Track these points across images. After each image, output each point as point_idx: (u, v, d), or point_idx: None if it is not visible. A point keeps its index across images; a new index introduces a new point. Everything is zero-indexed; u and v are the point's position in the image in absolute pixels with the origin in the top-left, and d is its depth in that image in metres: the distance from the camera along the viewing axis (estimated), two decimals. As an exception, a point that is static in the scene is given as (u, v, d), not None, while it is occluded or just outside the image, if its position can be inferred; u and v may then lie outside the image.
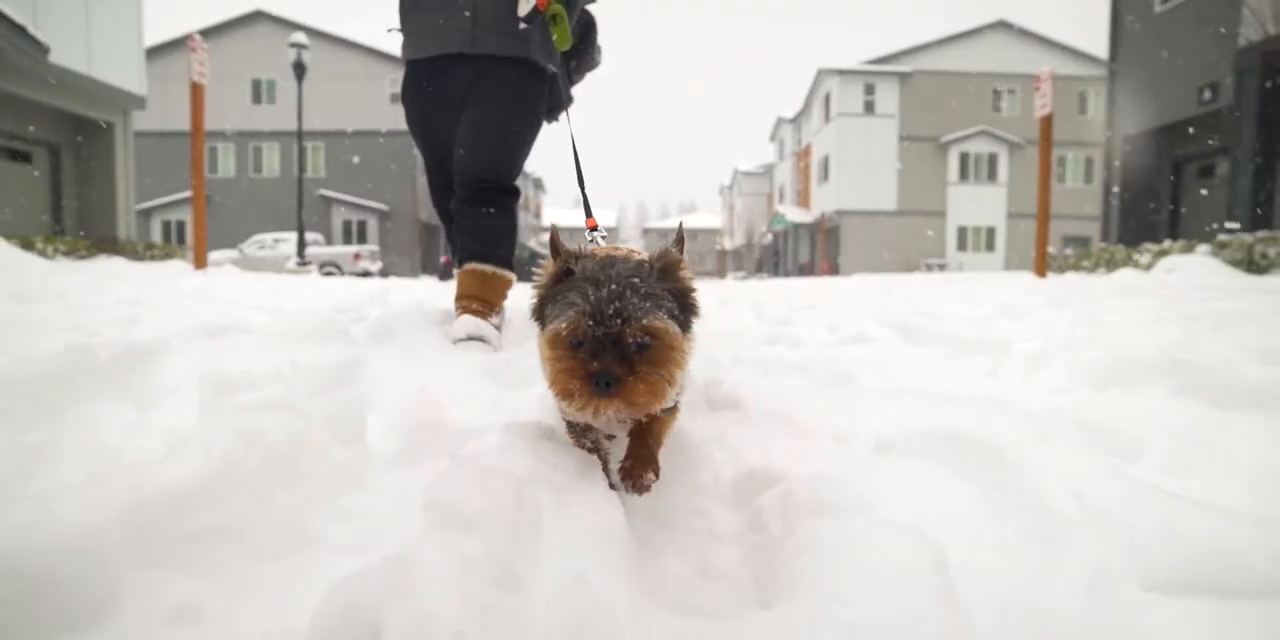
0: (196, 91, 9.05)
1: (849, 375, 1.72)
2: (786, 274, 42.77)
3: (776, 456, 1.10)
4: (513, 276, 2.79)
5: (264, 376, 1.31)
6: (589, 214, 1.34)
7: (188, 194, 32.10)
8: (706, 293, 6.40)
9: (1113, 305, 3.82)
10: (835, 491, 0.83)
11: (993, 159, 34.83)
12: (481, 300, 2.62)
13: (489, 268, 2.66)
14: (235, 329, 2.23)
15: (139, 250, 11.57)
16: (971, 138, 33.90)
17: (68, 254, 9.40)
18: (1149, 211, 15.87)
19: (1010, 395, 1.47)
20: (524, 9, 2.41)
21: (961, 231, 35.05)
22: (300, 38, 18.59)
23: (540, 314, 1.02)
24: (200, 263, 9.33)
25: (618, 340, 0.91)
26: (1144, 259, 10.02)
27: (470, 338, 2.42)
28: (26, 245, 8.80)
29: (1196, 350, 1.79)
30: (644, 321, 0.91)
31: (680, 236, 1.08)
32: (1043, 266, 10.10)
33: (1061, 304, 4.06)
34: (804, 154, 41.65)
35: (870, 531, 0.69)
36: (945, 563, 0.63)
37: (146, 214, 31.55)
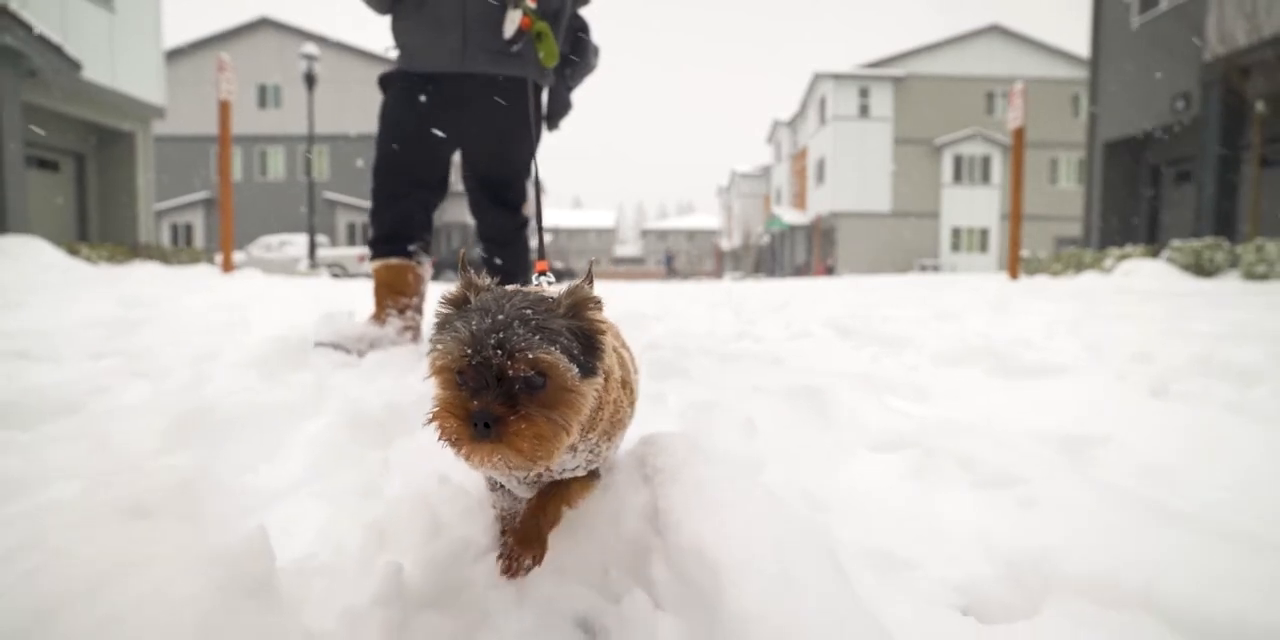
0: (224, 108, 9.74)
1: (779, 359, 2.40)
2: (783, 275, 43.45)
3: (695, 394, 1.73)
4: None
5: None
6: (542, 256, 1.27)
7: (195, 197, 32.83)
8: (700, 294, 7.16)
9: (1039, 307, 4.51)
10: (719, 408, 1.49)
11: (986, 161, 35.52)
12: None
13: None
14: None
15: (167, 255, 12.24)
16: (965, 140, 34.58)
17: (109, 259, 10.08)
18: (1128, 216, 16.54)
19: (867, 369, 2.16)
20: (509, 30, 2.47)
21: (955, 233, 35.74)
22: (311, 49, 19.28)
23: (430, 341, 0.88)
24: (227, 266, 10.01)
25: (501, 376, 0.79)
26: (1108, 263, 10.69)
27: (324, 345, 2.49)
28: (72, 251, 9.48)
29: (1038, 345, 2.48)
30: (531, 354, 0.79)
31: (590, 274, 0.94)
32: (1015, 269, 10.79)
33: (1000, 306, 4.75)
34: (800, 156, 42.34)
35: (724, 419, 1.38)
36: (755, 431, 1.34)
37: (156, 217, 32.23)
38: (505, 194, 2.79)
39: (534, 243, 2.62)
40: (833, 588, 0.61)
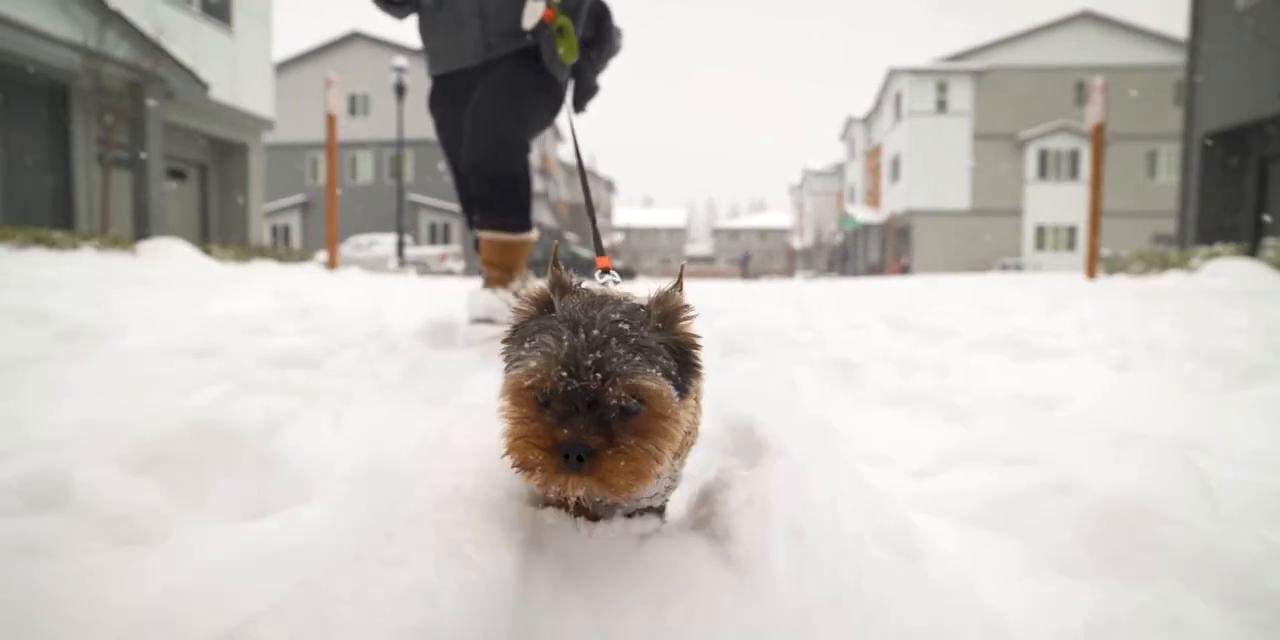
0: (331, 122, 10.78)
1: (828, 343, 2.82)
2: (856, 274, 42.66)
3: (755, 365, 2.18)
4: (531, 236, 2.84)
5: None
6: (600, 252, 1.20)
7: (293, 200, 35.46)
8: (769, 292, 7.58)
9: (1095, 305, 4.66)
10: (770, 373, 1.93)
11: (1074, 156, 33.79)
12: (502, 267, 2.75)
13: (503, 235, 2.71)
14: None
15: (279, 255, 13.57)
16: (1051, 134, 33.02)
17: (234, 258, 11.35)
18: (1229, 213, 15.57)
19: (903, 353, 2.53)
20: (529, 21, 2.42)
21: (1040, 231, 34.18)
22: (401, 61, 20.71)
23: (507, 355, 0.80)
24: (333, 265, 11.09)
25: (595, 401, 0.71)
26: (1195, 262, 10.30)
27: (479, 321, 2.56)
28: (205, 252, 10.76)
29: (1063, 336, 2.79)
30: (632, 380, 0.71)
31: (680, 278, 0.86)
32: (1093, 268, 10.53)
33: (1057, 304, 4.92)
34: (874, 153, 41.48)
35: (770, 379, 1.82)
36: (796, 387, 1.77)
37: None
38: (489, 163, 2.67)
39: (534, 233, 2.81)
40: (839, 464, 1.03)
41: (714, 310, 4.78)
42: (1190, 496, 0.78)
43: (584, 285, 0.86)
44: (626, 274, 31.09)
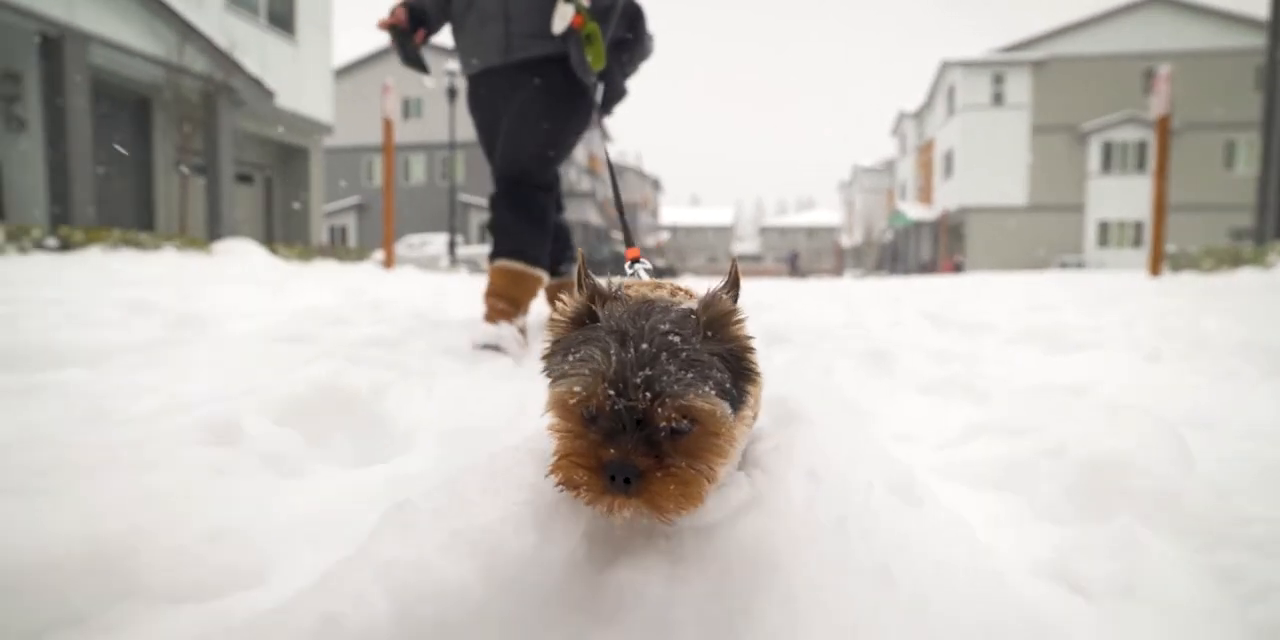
0: (388, 126, 11.24)
1: (868, 336, 2.91)
2: (907, 273, 41.73)
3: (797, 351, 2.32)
4: (544, 275, 2.78)
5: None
6: (630, 243, 1.15)
7: (349, 201, 36.84)
8: (816, 290, 7.64)
9: (1148, 303, 4.58)
10: (809, 361, 2.05)
11: (1141, 148, 32.24)
12: (509, 299, 2.64)
13: (520, 266, 2.64)
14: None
15: (339, 254, 14.20)
16: (1117, 125, 31.59)
17: (298, 258, 11.96)
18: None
19: (940, 345, 2.60)
20: (559, 26, 2.40)
21: (1103, 227, 32.77)
22: (453, 65, 21.33)
23: (549, 367, 0.76)
24: (389, 263, 11.57)
25: (645, 420, 0.67)
26: (1271, 257, 9.81)
27: (485, 347, 2.39)
28: (273, 251, 11.38)
29: (1103, 330, 2.82)
30: (684, 400, 0.66)
31: (734, 276, 0.81)
32: (1157, 265, 10.13)
33: (1109, 300, 4.84)
34: (926, 149, 40.47)
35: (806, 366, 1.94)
36: (832, 373, 1.88)
37: (320, 220, 36.49)
38: (527, 166, 2.65)
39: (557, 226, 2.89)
40: (858, 430, 1.16)
41: (760, 306, 4.89)
42: (1166, 457, 0.89)
43: (624, 288, 0.81)
44: (667, 272, 31.17)
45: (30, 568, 0.54)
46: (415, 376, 1.45)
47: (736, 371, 0.74)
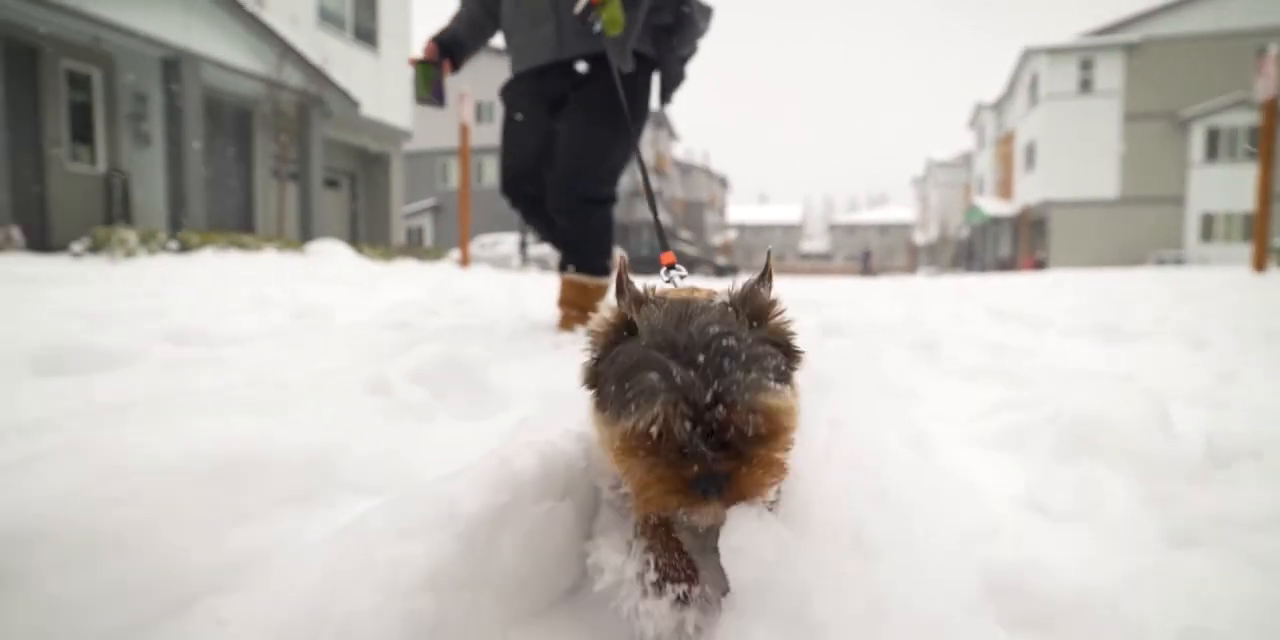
0: (464, 132, 11.82)
1: (922, 329, 3.01)
2: (984, 270, 39.99)
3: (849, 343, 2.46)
4: (608, 283, 2.80)
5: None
6: (665, 247, 1.16)
7: (425, 203, 38.56)
8: (884, 288, 7.65)
9: (1230, 300, 4.41)
10: (859, 350, 2.19)
11: (1254, 133, 29.69)
12: (579, 307, 2.78)
13: (585, 279, 2.77)
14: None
15: (419, 253, 15.00)
16: (1225, 110, 29.23)
17: (381, 257, 12.74)
18: None
19: (996, 338, 2.68)
20: (579, 6, 2.41)
21: (1207, 219, 30.44)
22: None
23: (594, 382, 0.76)
24: (465, 262, 12.17)
25: (720, 428, 0.67)
26: (1393, 252, 8.99)
27: None
28: (358, 251, 12.18)
29: (1163, 324, 2.82)
30: (758, 403, 0.67)
31: (768, 270, 0.81)
32: (1262, 260, 9.49)
33: (1189, 297, 4.68)
34: (1006, 141, 38.68)
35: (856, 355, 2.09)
36: (879, 358, 2.03)
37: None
38: (588, 179, 2.66)
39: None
40: (882, 397, 1.33)
41: (822, 304, 4.99)
42: (1143, 422, 1.03)
43: (660, 291, 0.80)
44: (728, 270, 30.95)
45: (268, 461, 0.80)
46: (507, 355, 1.71)
47: (786, 355, 0.76)
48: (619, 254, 0.84)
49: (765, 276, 0.81)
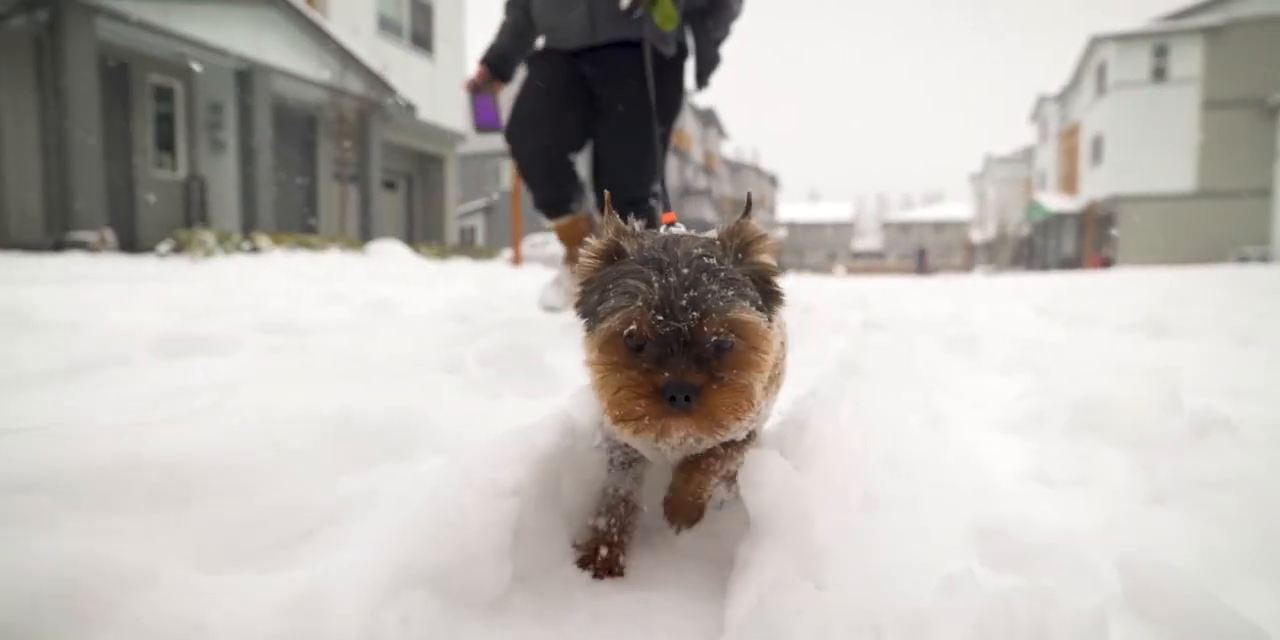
0: (517, 134, 12.16)
1: (962, 325, 3.03)
2: (1045, 268, 38.45)
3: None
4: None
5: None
6: (667, 208, 1.20)
7: (477, 204, 39.49)
8: (935, 286, 7.60)
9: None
10: (896, 342, 2.25)
11: (1348, 121, 27.69)
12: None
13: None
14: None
15: (472, 253, 15.48)
16: (1318, 96, 27.31)
17: (437, 256, 13.22)
18: None
19: (1038, 335, 2.69)
20: (625, 2, 2.40)
21: (1300, 213, 28.47)
22: (574, 72, 22.41)
23: (585, 307, 0.78)
24: (517, 261, 12.51)
25: (692, 340, 0.69)
26: None
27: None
28: (416, 250, 12.66)
29: (1213, 319, 2.77)
30: (729, 315, 0.69)
31: (749, 205, 0.84)
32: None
33: (1263, 295, 4.51)
34: (1070, 134, 37.08)
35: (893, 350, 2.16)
36: (914, 351, 2.09)
37: (452, 223, 39.32)
38: (631, 187, 2.62)
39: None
40: (905, 382, 1.42)
41: (869, 301, 5.01)
42: (1146, 404, 1.09)
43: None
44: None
45: (368, 423, 0.96)
46: (562, 343, 1.86)
47: (764, 292, 0.78)
48: (606, 193, 0.84)
49: (746, 214, 0.82)
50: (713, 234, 0.82)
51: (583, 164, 2.81)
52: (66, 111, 8.79)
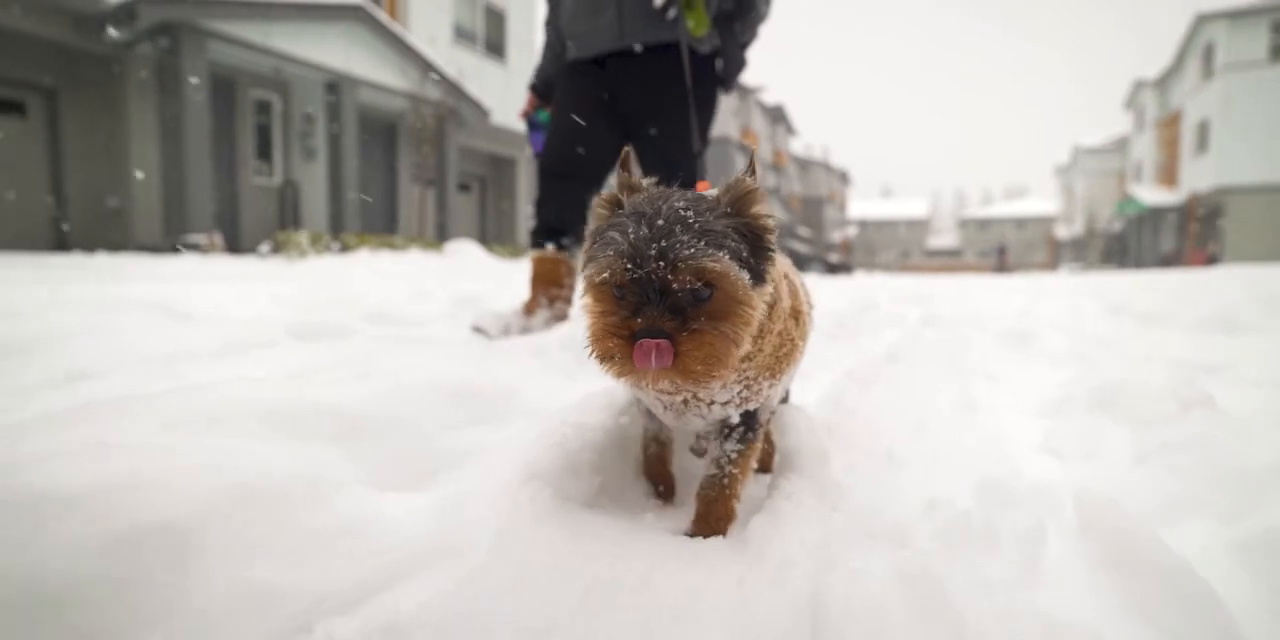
0: (586, 136, 12.51)
1: (1027, 323, 3.06)
2: (1140, 266, 36.04)
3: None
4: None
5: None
6: (702, 177, 1.15)
7: (548, 205, 40.59)
8: (1012, 286, 7.48)
9: None
10: (949, 336, 2.33)
11: None
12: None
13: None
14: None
15: (541, 252, 15.98)
16: None
17: (509, 255, 13.76)
18: None
19: (1101, 331, 2.68)
20: (659, 1, 2.38)
21: None
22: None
23: (585, 257, 0.81)
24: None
25: (666, 289, 0.72)
26: None
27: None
28: (489, 250, 13.23)
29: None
30: (695, 262, 0.71)
31: (752, 165, 0.83)
32: None
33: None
34: (1171, 121, 34.58)
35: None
36: (969, 346, 2.18)
37: (522, 223, 40.47)
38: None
39: None
40: (944, 369, 1.54)
41: (934, 298, 5.00)
42: (1157, 390, 1.20)
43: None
44: (842, 268, 29.82)
45: (476, 391, 1.18)
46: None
47: (755, 248, 0.79)
48: (626, 150, 0.87)
49: (750, 173, 0.83)
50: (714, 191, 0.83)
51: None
52: (183, 126, 9.71)
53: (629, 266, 0.73)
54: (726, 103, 32.76)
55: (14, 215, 9.77)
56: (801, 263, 24.78)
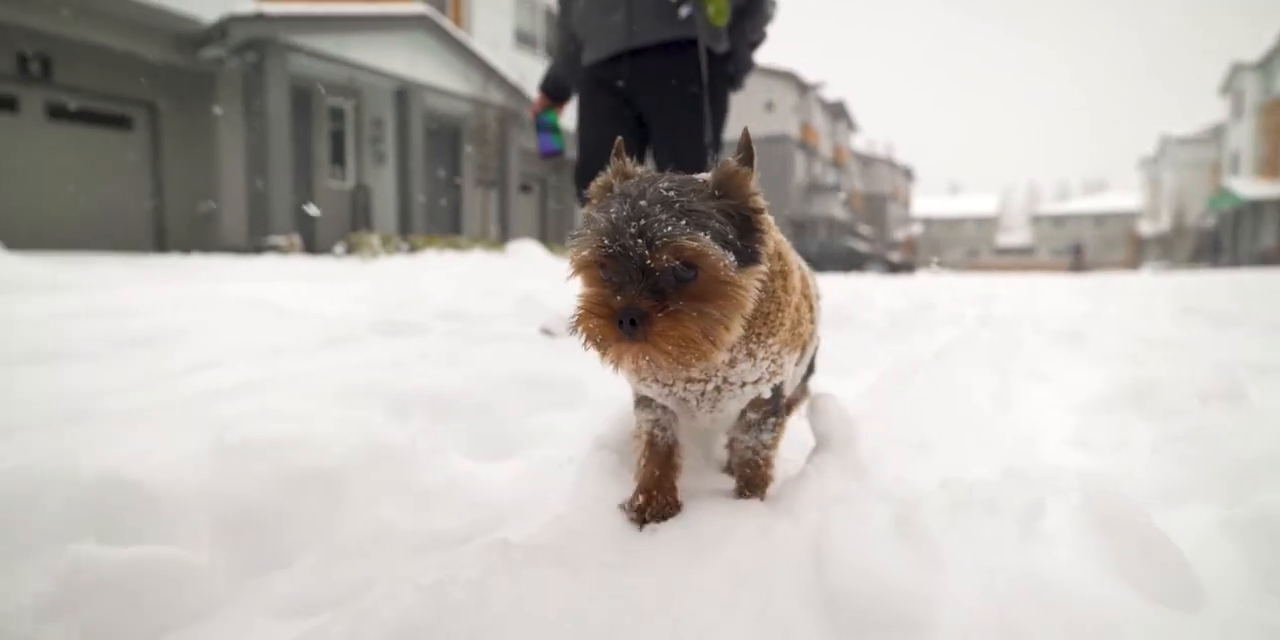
0: (643, 137, 12.68)
1: (1085, 324, 3.03)
2: (1235, 265, 33.66)
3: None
4: None
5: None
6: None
7: (605, 205, 40.98)
8: (1082, 286, 7.28)
9: None
10: (999, 334, 2.36)
11: None
12: None
13: None
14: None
15: (598, 252, 16.27)
16: None
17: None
18: None
19: (1162, 333, 2.64)
20: None
21: None
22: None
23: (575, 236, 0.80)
24: (640, 260, 13.04)
25: (647, 269, 0.71)
26: None
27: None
28: (549, 250, 13.59)
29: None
30: (673, 241, 0.70)
31: (747, 145, 0.82)
32: None
33: None
34: (1274, 108, 32.12)
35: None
36: (1022, 346, 2.21)
37: (580, 222, 41.07)
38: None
39: None
40: (985, 367, 1.61)
41: (995, 298, 4.93)
42: (1186, 388, 1.24)
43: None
44: (903, 268, 28.99)
45: (549, 380, 1.34)
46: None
47: (744, 229, 0.78)
48: (618, 139, 0.91)
49: (747, 156, 0.82)
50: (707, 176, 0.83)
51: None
52: (266, 134, 10.39)
53: (606, 243, 0.74)
54: (785, 99, 32.35)
55: (121, 219, 10.69)
56: (861, 262, 24.24)
